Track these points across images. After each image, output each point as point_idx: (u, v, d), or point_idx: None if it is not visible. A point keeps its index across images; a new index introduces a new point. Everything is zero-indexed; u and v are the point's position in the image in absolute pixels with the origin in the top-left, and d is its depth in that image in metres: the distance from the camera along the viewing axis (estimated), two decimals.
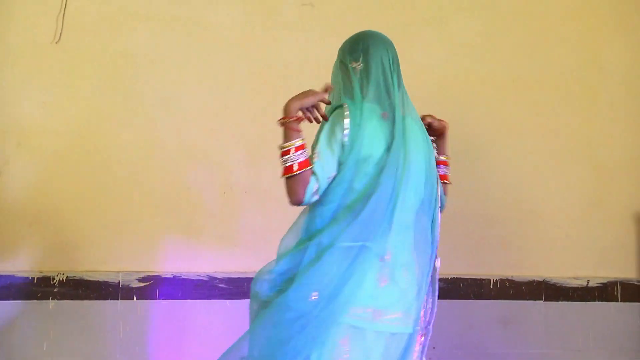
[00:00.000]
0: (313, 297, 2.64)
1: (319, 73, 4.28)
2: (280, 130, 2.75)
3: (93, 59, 4.19)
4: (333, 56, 4.30)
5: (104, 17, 4.21)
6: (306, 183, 2.71)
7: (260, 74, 4.28)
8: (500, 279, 4.38)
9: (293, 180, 2.70)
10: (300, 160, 2.70)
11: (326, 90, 2.92)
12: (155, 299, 4.11)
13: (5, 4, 4.15)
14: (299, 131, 2.74)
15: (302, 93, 2.86)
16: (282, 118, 2.77)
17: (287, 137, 2.74)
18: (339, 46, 4.03)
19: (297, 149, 2.71)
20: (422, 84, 4.40)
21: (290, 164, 2.70)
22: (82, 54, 4.18)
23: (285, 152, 2.72)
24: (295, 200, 2.73)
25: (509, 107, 4.48)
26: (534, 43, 4.52)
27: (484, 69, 4.46)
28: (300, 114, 2.79)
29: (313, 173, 2.72)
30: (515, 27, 4.51)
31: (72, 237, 4.09)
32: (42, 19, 4.16)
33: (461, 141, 4.40)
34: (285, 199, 2.73)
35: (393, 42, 4.38)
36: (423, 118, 3.05)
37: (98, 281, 4.07)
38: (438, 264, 2.96)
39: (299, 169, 2.69)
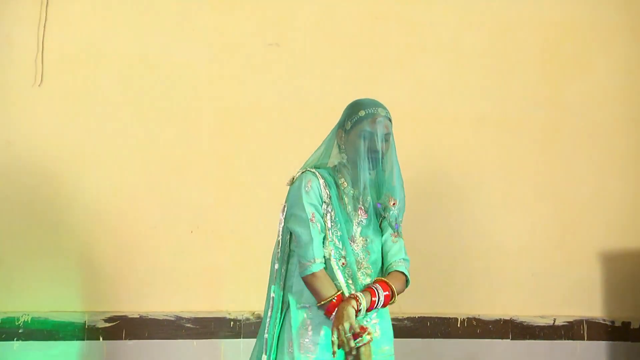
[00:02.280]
0: None
1: (285, 113, 4.32)
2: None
3: (68, 98, 4.19)
4: (299, 95, 4.36)
5: (75, 58, 4.22)
6: None
7: (226, 112, 4.29)
8: (468, 318, 4.39)
9: None
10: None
11: None
12: (122, 339, 4.08)
13: None
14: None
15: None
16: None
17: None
18: (305, 86, 4.03)
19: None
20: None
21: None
22: (59, 93, 4.19)
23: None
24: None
25: (473, 146, 4.52)
26: (498, 83, 4.57)
27: (449, 109, 4.51)
28: None
29: None
30: (480, 67, 4.57)
31: (37, 277, 4.06)
32: (19, 62, 4.16)
33: (426, 180, 4.44)
34: (255, 239, 2.77)
35: (360, 81, 4.42)
36: None
37: (64, 321, 4.04)
38: None
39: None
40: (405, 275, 3.19)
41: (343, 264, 3.02)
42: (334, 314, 2.89)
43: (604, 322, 4.53)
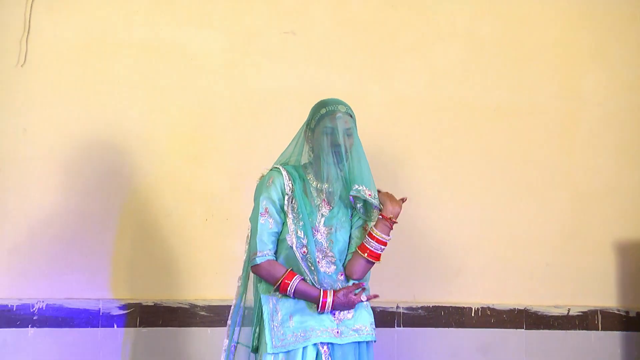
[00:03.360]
0: None
1: (300, 101, 4.30)
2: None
3: (60, 83, 4.19)
4: (314, 84, 4.34)
5: (63, 41, 4.21)
6: None
7: (241, 101, 4.29)
8: (482, 307, 4.39)
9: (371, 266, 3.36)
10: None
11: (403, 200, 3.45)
12: (136, 326, 4.09)
13: None
14: None
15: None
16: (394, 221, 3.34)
17: (388, 234, 3.33)
18: (320, 74, 4.08)
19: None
20: (403, 112, 4.44)
21: (381, 253, 3.34)
22: (48, 77, 4.18)
23: (385, 244, 3.33)
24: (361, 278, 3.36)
25: (489, 135, 4.50)
26: (514, 72, 4.55)
27: (464, 98, 4.49)
28: None
29: None
30: (495, 56, 4.55)
31: (52, 264, 4.08)
32: (5, 42, 4.16)
33: (440, 168, 4.44)
34: None
35: (375, 70, 4.46)
36: None
37: (78, 309, 4.05)
38: None
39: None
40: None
41: (304, 252, 3.24)
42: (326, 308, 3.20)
43: (618, 312, 4.51)
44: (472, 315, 4.37)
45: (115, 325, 4.08)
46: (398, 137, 4.43)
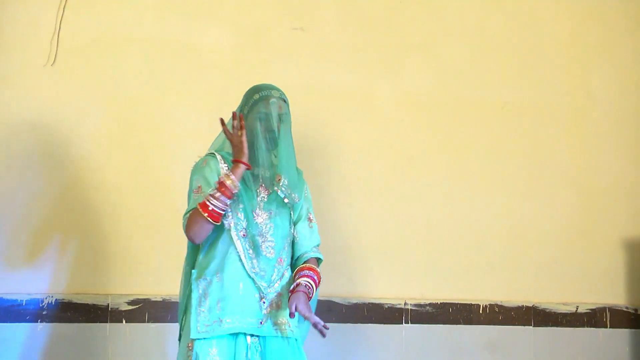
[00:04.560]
0: None
1: (308, 98, 4.32)
2: None
3: (85, 82, 4.20)
4: (323, 80, 4.35)
5: (97, 40, 4.23)
6: None
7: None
8: (490, 304, 4.38)
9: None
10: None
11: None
12: (144, 322, 4.10)
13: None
14: None
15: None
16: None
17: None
18: (329, 70, 4.09)
19: None
20: (411, 109, 4.44)
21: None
22: (75, 76, 4.20)
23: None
24: None
25: (497, 132, 4.50)
26: (523, 69, 4.55)
27: (472, 95, 4.49)
28: None
29: None
30: (504, 53, 4.54)
31: (61, 259, 4.09)
32: (35, 41, 4.18)
33: (447, 164, 4.44)
34: None
35: (383, 67, 4.46)
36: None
37: (87, 304, 4.06)
38: None
39: None
40: (320, 259, 3.42)
41: (244, 234, 3.20)
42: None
43: (627, 310, 4.51)
44: (480, 312, 4.37)
45: (123, 321, 4.09)
46: (406, 134, 4.43)
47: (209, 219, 3.09)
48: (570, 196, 4.54)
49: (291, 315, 3.10)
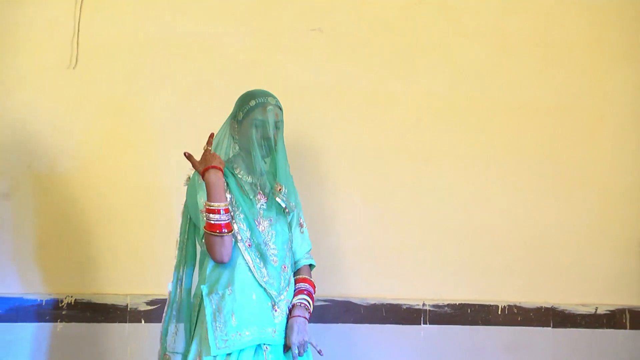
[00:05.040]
0: None
1: (324, 98, 4.32)
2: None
3: (102, 82, 4.23)
4: (340, 82, 4.35)
5: (113, 42, 4.25)
6: None
7: None
8: (508, 305, 4.37)
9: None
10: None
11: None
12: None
13: (17, 27, 4.20)
14: None
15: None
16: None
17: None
18: (346, 71, 4.05)
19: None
20: (428, 110, 4.43)
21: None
22: (93, 77, 4.22)
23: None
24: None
25: (514, 133, 4.48)
26: (540, 69, 4.53)
27: (489, 95, 4.47)
28: None
29: None
30: (521, 53, 4.52)
31: (81, 259, 4.12)
32: (54, 43, 4.21)
33: (467, 166, 4.43)
34: None
35: (400, 67, 4.44)
36: None
37: (106, 304, 4.09)
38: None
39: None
40: (312, 265, 3.46)
41: (249, 245, 3.17)
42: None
43: None
44: (499, 313, 4.36)
45: (142, 321, 4.10)
46: (423, 135, 4.42)
47: (220, 232, 3.08)
48: (589, 197, 4.51)
49: (294, 358, 3.16)
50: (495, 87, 4.49)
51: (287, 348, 3.19)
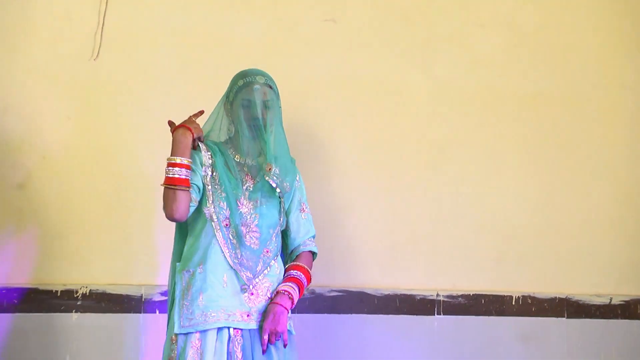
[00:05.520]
0: None
1: (340, 89, 4.32)
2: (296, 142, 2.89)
3: (118, 76, 4.23)
4: (354, 72, 4.34)
5: (131, 34, 4.26)
6: None
7: (280, 88, 4.29)
8: (522, 296, 4.36)
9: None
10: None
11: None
12: None
13: (36, 18, 4.21)
14: None
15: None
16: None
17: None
18: (360, 62, 4.02)
19: None
20: (443, 100, 4.42)
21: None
22: (110, 70, 4.22)
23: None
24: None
25: (530, 123, 4.47)
26: (556, 59, 4.51)
27: (505, 85, 4.45)
28: None
29: None
30: (537, 44, 4.50)
31: (96, 250, 4.13)
32: (79, 36, 4.22)
33: (482, 156, 4.42)
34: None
35: (415, 58, 4.41)
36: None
37: (121, 294, 4.10)
38: None
39: None
40: (314, 253, 3.39)
41: (226, 224, 3.15)
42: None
43: None
44: (513, 303, 4.35)
45: (157, 311, 4.11)
46: (438, 125, 4.41)
47: (174, 185, 3.07)
48: (604, 187, 4.50)
49: (263, 344, 3.11)
50: (511, 77, 4.47)
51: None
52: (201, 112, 3.30)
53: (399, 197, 4.35)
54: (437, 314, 4.28)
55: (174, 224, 4.03)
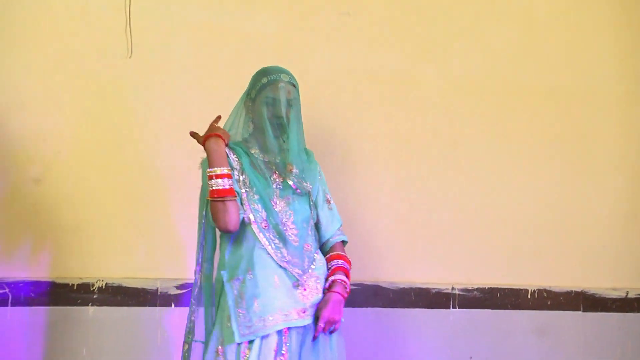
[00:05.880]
0: None
1: (354, 82, 4.31)
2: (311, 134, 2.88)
3: (133, 71, 4.24)
4: (370, 65, 4.34)
5: (149, 29, 4.26)
6: None
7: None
8: (538, 289, 4.35)
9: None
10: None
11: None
12: None
13: (48, 15, 4.22)
14: None
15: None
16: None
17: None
18: (375, 55, 4.00)
19: None
20: (457, 93, 4.41)
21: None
22: (125, 66, 4.23)
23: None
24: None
25: (544, 117, 4.45)
26: (571, 52, 4.49)
27: (520, 78, 4.44)
28: None
29: None
30: (552, 37, 4.48)
31: (111, 243, 4.14)
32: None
33: (497, 150, 4.40)
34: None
35: (429, 51, 4.38)
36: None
37: (136, 288, 4.11)
38: None
39: None
40: (345, 241, 3.39)
41: (265, 226, 3.11)
42: None
43: None
44: (528, 297, 4.34)
45: (172, 305, 4.13)
46: (453, 118, 4.40)
47: (222, 197, 3.03)
48: (620, 180, 4.48)
49: (317, 330, 3.09)
50: (526, 70, 4.45)
51: (317, 321, 3.13)
52: (219, 118, 3.27)
53: (413, 190, 4.34)
54: (453, 308, 4.28)
55: (189, 216, 4.04)
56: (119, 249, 4.15)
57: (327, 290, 3.17)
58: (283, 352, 3.05)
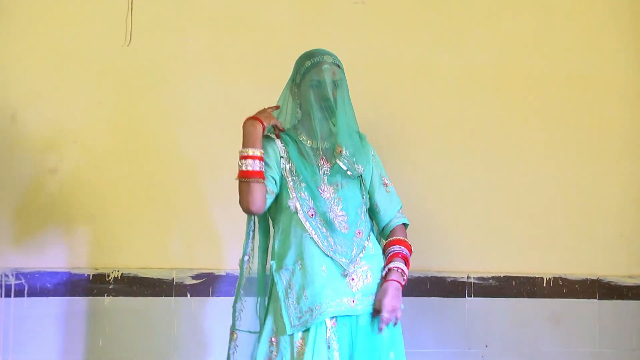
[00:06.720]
0: None
1: (370, 72, 4.30)
2: None
3: (149, 60, 4.24)
4: (384, 54, 4.33)
5: (162, 19, 4.26)
6: None
7: None
8: (554, 277, 4.35)
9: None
10: None
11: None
12: (209, 296, 4.14)
13: (62, 3, 4.23)
14: None
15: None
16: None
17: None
18: (390, 44, 3.96)
19: None
20: (473, 82, 4.40)
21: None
22: (141, 55, 4.23)
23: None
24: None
25: (560, 105, 4.44)
26: (589, 40, 4.47)
27: (536, 68, 4.42)
28: None
29: None
30: (568, 25, 4.47)
31: (127, 234, 4.15)
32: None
33: (513, 138, 4.39)
34: None
35: (445, 40, 4.36)
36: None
37: (152, 278, 4.12)
38: None
39: None
40: (406, 224, 3.32)
41: (312, 214, 3.05)
42: None
43: None
44: (544, 285, 4.34)
45: (188, 295, 4.13)
46: (469, 106, 4.39)
47: (248, 178, 2.99)
48: (636, 168, 4.47)
49: (382, 322, 3.00)
50: (542, 58, 4.44)
51: (376, 313, 3.04)
52: (277, 107, 3.20)
53: (427, 179, 4.34)
54: (468, 296, 4.28)
55: (205, 206, 4.06)
56: (135, 239, 4.15)
57: (383, 279, 3.09)
58: (334, 341, 2.98)
